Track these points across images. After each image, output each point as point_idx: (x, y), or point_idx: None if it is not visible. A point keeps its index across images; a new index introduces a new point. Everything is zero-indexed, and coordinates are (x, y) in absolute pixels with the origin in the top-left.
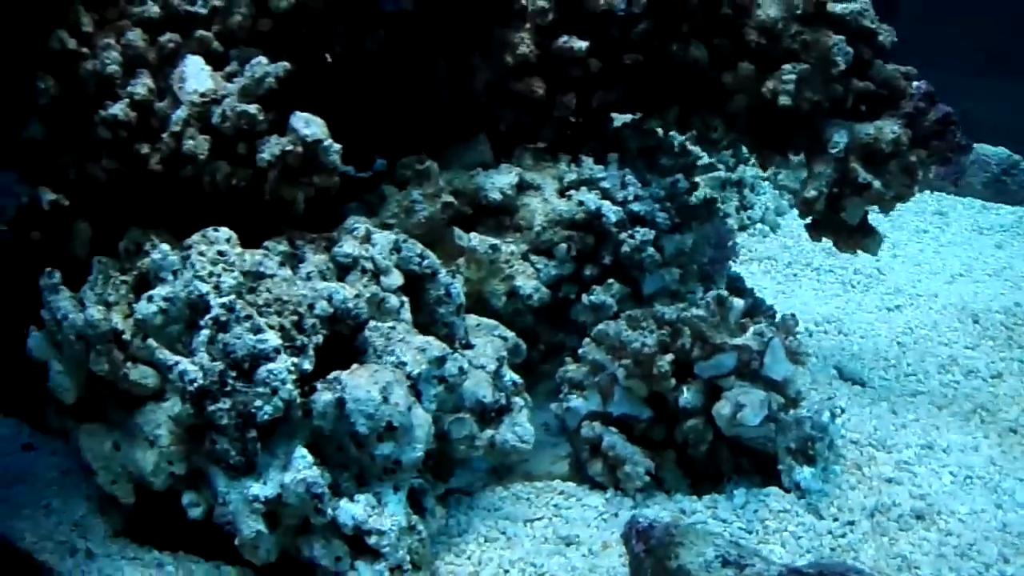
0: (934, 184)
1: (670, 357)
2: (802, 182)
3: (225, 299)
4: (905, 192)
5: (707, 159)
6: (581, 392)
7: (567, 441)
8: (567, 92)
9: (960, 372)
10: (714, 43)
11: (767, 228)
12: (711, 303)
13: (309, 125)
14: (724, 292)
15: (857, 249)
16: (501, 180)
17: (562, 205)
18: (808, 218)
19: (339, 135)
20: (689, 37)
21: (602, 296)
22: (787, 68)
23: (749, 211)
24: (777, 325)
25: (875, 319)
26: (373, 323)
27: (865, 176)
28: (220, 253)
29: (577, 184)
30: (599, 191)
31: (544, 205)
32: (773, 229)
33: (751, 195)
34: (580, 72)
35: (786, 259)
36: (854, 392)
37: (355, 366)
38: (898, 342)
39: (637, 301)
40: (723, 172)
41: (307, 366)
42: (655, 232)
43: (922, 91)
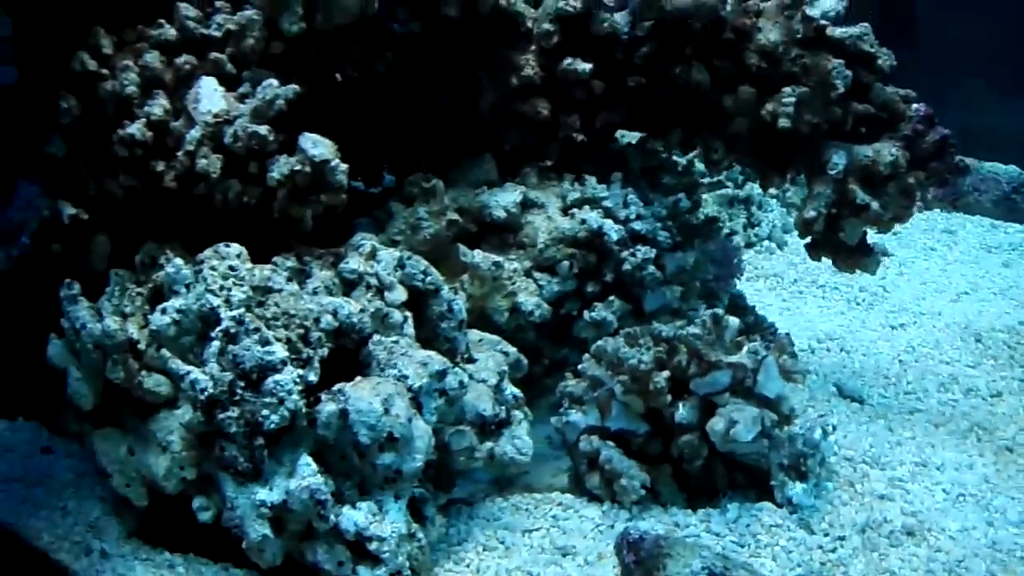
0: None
1: (666, 374)
2: (801, 203)
3: (235, 312)
4: (903, 213)
5: (713, 177)
6: (580, 407)
7: (568, 454)
8: (571, 113)
9: (960, 391)
10: (716, 66)
11: (774, 245)
12: (707, 322)
13: (317, 146)
14: (720, 311)
15: (856, 269)
16: (505, 198)
17: (565, 223)
18: (808, 238)
19: (349, 152)
20: (691, 60)
21: (603, 313)
22: (787, 91)
23: (756, 228)
24: (771, 344)
25: (878, 337)
26: (377, 337)
27: (863, 197)
28: (231, 268)
29: (580, 203)
30: (601, 210)
31: (547, 223)
32: (780, 246)
33: (758, 212)
34: (584, 94)
35: (792, 276)
36: (852, 410)
37: (358, 378)
38: (900, 360)
39: (638, 318)
40: (731, 189)
41: (312, 378)
42: (656, 250)
43: (921, 113)
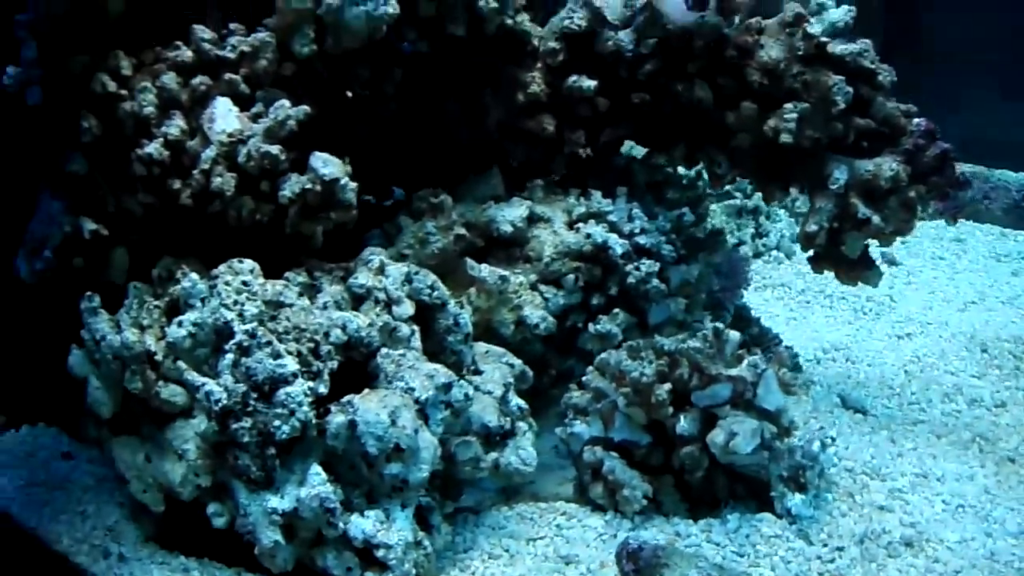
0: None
1: (668, 386)
2: (803, 217)
3: (248, 326)
4: (904, 227)
5: (719, 189)
6: (584, 418)
7: (573, 464)
8: (576, 129)
9: (964, 401)
10: (718, 83)
11: (782, 255)
12: (708, 335)
13: (327, 165)
14: (721, 325)
15: (857, 281)
16: (512, 213)
17: (570, 237)
18: (810, 251)
19: (360, 168)
20: (694, 78)
21: (608, 325)
22: (788, 107)
23: (764, 239)
24: (771, 357)
25: (884, 347)
26: (384, 350)
27: (864, 211)
28: (244, 283)
29: (585, 217)
30: (606, 224)
31: (553, 237)
32: (788, 256)
33: (766, 223)
34: (589, 110)
35: (800, 286)
36: (855, 420)
37: (366, 391)
38: (905, 370)
39: (643, 330)
40: (739, 200)
41: (322, 390)
42: (660, 264)
43: (922, 128)
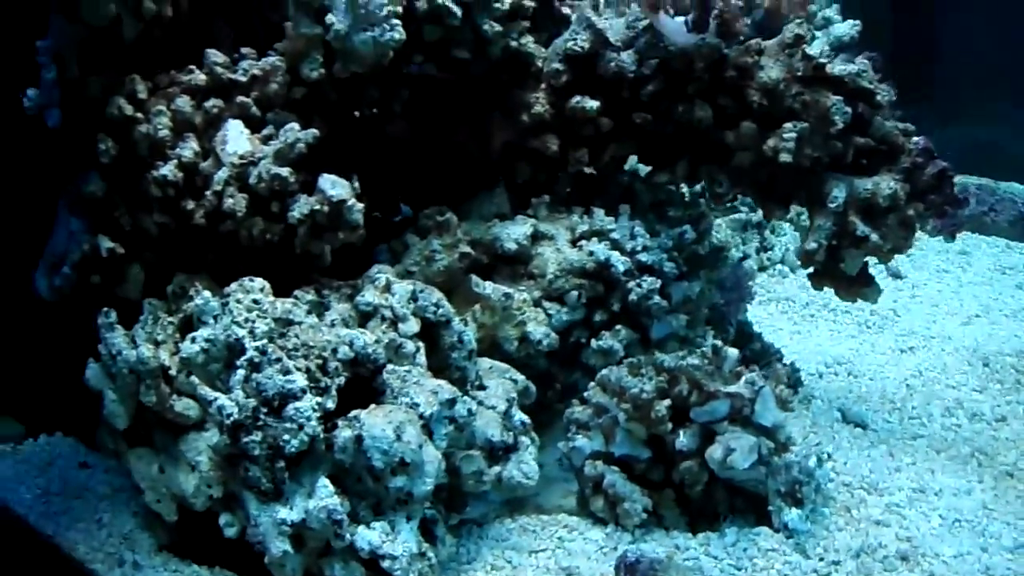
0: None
1: (667, 402)
2: (803, 234)
3: (259, 343)
4: (902, 244)
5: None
6: (586, 432)
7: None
8: (580, 149)
9: (964, 415)
10: (719, 103)
11: (787, 269)
12: (707, 353)
13: (335, 186)
14: (719, 343)
15: (856, 298)
16: (516, 231)
17: (573, 255)
18: (810, 268)
19: (368, 185)
20: (695, 98)
21: (610, 341)
22: (788, 127)
23: (769, 252)
24: (769, 374)
25: (886, 361)
26: (390, 367)
27: (863, 229)
28: (255, 301)
29: (588, 235)
30: (609, 241)
31: (557, 254)
32: (792, 270)
33: (771, 237)
34: (592, 130)
35: (804, 300)
36: (854, 435)
37: (373, 406)
38: (907, 384)
39: (646, 346)
40: (744, 214)
41: (330, 405)
42: (662, 281)
43: (920, 146)
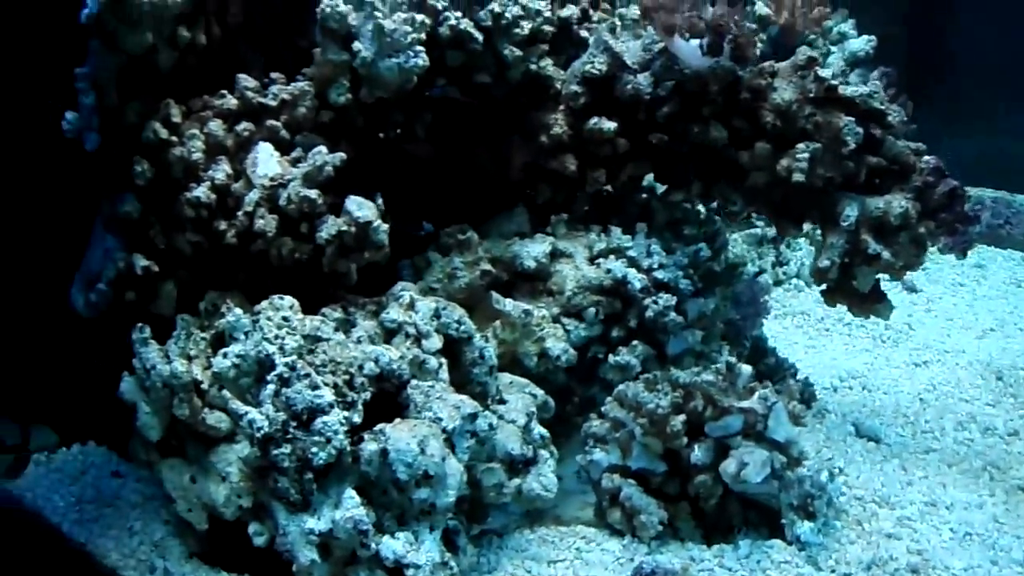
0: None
1: (683, 417)
2: (816, 252)
3: (288, 359)
4: (914, 262)
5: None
6: (603, 446)
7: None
8: (597, 169)
9: (977, 430)
10: (733, 124)
11: (802, 283)
12: (722, 369)
13: (361, 208)
14: (733, 360)
15: (869, 314)
16: (536, 249)
17: (591, 272)
18: (823, 285)
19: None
20: (710, 119)
21: (627, 357)
22: (801, 147)
23: (784, 267)
24: (781, 389)
25: (900, 375)
26: (414, 382)
27: (875, 247)
28: (285, 318)
29: (606, 252)
30: (626, 259)
31: (575, 272)
32: (808, 284)
33: (787, 251)
34: (609, 150)
35: (819, 314)
36: (867, 449)
37: (397, 420)
38: (920, 398)
39: (662, 361)
40: (760, 229)
41: (356, 419)
42: (677, 297)
43: (931, 166)
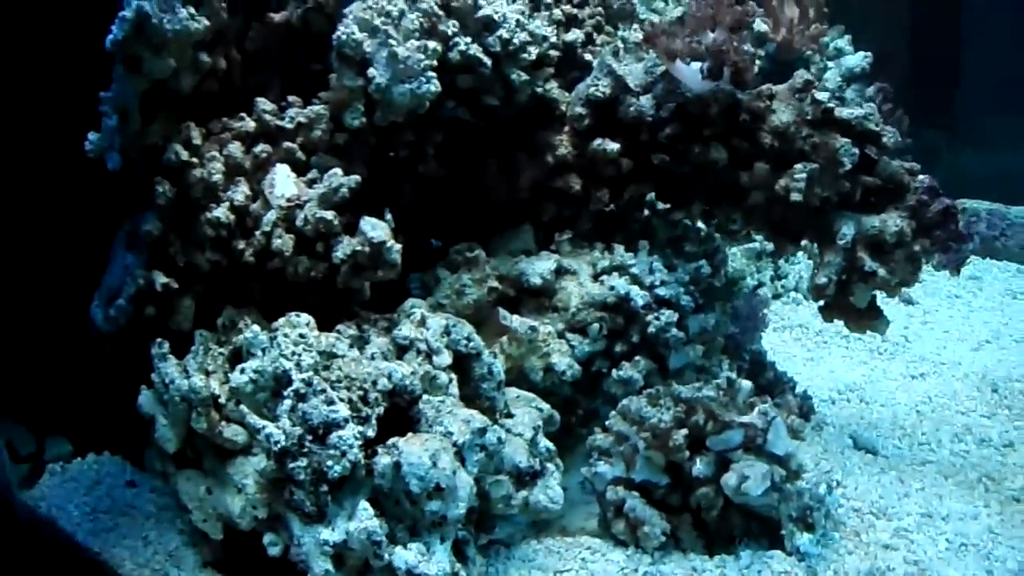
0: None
1: (684, 432)
2: (814, 269)
3: (305, 375)
4: (909, 279)
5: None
6: (608, 459)
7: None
8: (601, 188)
9: (973, 441)
10: (733, 145)
11: (800, 297)
12: (722, 384)
13: (375, 228)
14: (734, 375)
15: (866, 330)
16: (541, 266)
17: (595, 289)
18: (821, 301)
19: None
20: (710, 141)
21: (630, 372)
22: (798, 167)
23: (783, 280)
24: (780, 404)
25: (897, 387)
26: (426, 397)
27: (871, 265)
28: (301, 335)
29: (609, 270)
30: (629, 276)
31: (579, 288)
32: (806, 298)
33: (785, 265)
34: (613, 171)
35: (817, 327)
36: (865, 461)
37: (410, 434)
38: (917, 411)
39: (664, 375)
40: (759, 243)
41: (370, 433)
42: (679, 313)
43: (925, 185)
